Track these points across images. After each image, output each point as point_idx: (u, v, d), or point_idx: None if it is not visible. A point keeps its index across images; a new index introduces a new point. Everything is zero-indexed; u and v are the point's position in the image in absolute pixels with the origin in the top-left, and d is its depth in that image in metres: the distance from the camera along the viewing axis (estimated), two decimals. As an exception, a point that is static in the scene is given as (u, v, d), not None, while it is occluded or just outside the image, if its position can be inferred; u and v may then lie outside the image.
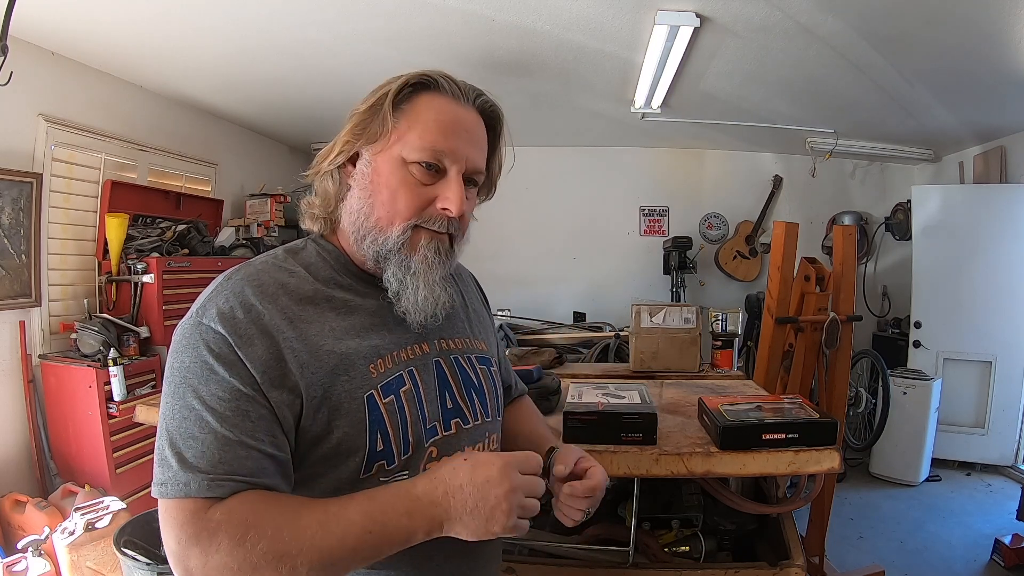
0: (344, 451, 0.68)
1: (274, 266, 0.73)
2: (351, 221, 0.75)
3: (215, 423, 0.61)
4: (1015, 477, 3.46)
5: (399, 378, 0.72)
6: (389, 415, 0.70)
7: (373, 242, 0.73)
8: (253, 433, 0.62)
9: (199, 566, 0.57)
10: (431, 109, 0.73)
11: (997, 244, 3.52)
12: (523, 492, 0.64)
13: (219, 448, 0.61)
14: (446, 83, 0.74)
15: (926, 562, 2.57)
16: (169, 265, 2.78)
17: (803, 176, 4.49)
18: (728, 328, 1.92)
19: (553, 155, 4.69)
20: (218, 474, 0.60)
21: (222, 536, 0.57)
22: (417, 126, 0.72)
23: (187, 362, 0.64)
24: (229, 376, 0.63)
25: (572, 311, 4.31)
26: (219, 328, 0.64)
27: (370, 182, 0.74)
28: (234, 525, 0.58)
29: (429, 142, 0.71)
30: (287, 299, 0.69)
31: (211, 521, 0.58)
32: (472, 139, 0.74)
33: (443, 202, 0.72)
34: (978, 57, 2.46)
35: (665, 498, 1.47)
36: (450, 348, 0.81)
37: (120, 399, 2.42)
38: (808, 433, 1.08)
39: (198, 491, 0.59)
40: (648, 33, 2.36)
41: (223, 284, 0.68)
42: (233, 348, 0.63)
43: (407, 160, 0.72)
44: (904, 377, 3.50)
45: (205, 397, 0.62)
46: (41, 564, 1.96)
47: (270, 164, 4.26)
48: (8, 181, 2.33)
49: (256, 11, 2.24)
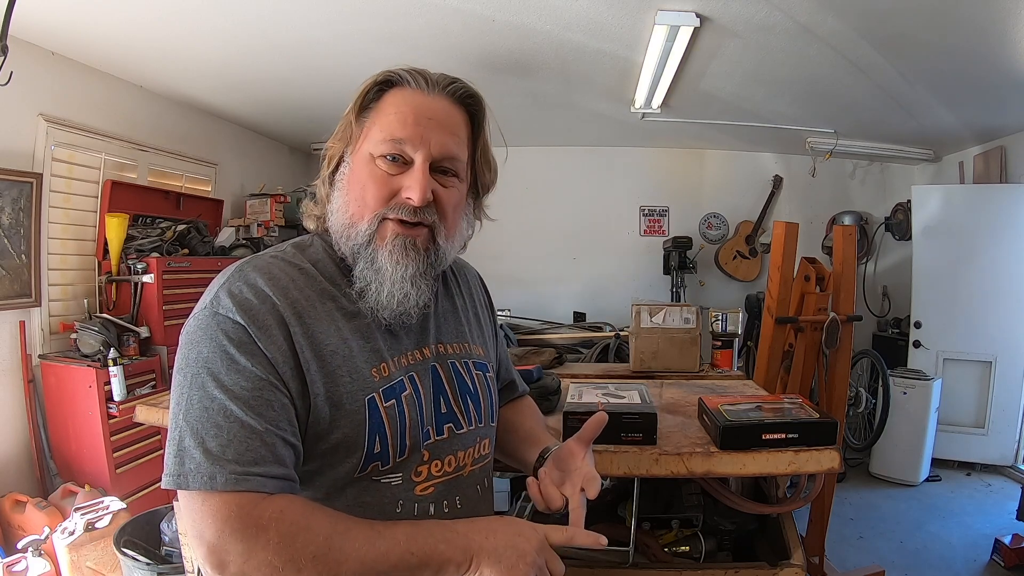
0: (343, 451, 0.68)
1: (284, 260, 0.73)
2: (333, 220, 0.77)
3: (240, 412, 0.61)
4: (1015, 477, 3.46)
5: (400, 383, 0.73)
6: (389, 419, 0.70)
7: (347, 239, 0.74)
8: (277, 423, 0.63)
9: (239, 561, 0.57)
10: (393, 103, 0.74)
11: (997, 244, 3.52)
12: (549, 559, 0.68)
13: (246, 438, 0.61)
14: (410, 76, 0.75)
15: (926, 562, 2.57)
16: (169, 265, 2.78)
17: (803, 176, 4.49)
18: (728, 328, 1.91)
19: (553, 155, 4.69)
20: (246, 464, 0.60)
21: (272, 534, 0.58)
22: (379, 120, 0.74)
23: (205, 352, 0.63)
24: (251, 365, 0.63)
25: (572, 311, 4.31)
26: (237, 318, 0.64)
27: (347, 181, 0.76)
28: (287, 524, 0.59)
29: (388, 133, 0.72)
30: (297, 293, 0.69)
31: (261, 518, 0.58)
32: (439, 125, 0.74)
33: (405, 191, 0.72)
34: (978, 57, 2.45)
35: (665, 498, 1.47)
36: (447, 353, 0.81)
37: (120, 399, 2.42)
38: (808, 433, 1.08)
39: (225, 484, 0.59)
40: (648, 33, 2.36)
41: (235, 275, 0.68)
42: (253, 338, 0.64)
43: (373, 155, 0.73)
44: (904, 377, 3.50)
45: (229, 385, 0.62)
46: (41, 564, 1.96)
47: (270, 164, 4.26)
48: (8, 181, 2.33)
49: (256, 11, 2.24)
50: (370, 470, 0.70)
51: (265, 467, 0.61)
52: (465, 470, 0.79)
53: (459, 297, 0.90)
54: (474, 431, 0.81)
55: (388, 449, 0.70)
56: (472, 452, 0.80)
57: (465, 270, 0.96)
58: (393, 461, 0.71)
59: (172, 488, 0.61)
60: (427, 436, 0.75)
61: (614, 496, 1.46)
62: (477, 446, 0.81)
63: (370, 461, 0.69)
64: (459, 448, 0.78)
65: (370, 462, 0.69)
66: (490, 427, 0.86)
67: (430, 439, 0.75)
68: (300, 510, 0.61)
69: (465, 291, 0.92)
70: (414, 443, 0.73)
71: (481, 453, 0.82)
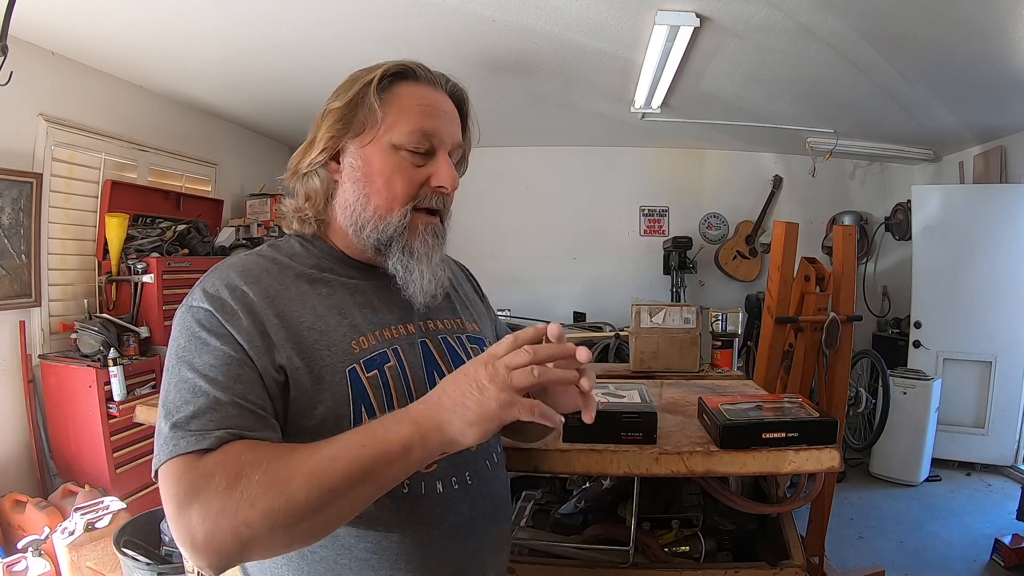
0: (330, 426, 0.68)
1: (258, 255, 0.77)
2: (347, 215, 0.77)
3: (208, 387, 0.62)
4: (1015, 477, 3.46)
5: (383, 354, 0.73)
6: (373, 389, 0.71)
7: (374, 230, 0.75)
8: (245, 395, 0.63)
9: (200, 521, 0.55)
10: (413, 96, 0.76)
11: (997, 244, 3.52)
12: (507, 364, 0.58)
13: (210, 408, 0.61)
14: (422, 71, 0.78)
15: (926, 562, 2.57)
16: (169, 265, 2.78)
17: (803, 176, 4.49)
18: (728, 328, 1.91)
19: (553, 155, 4.69)
20: (207, 429, 0.59)
21: (218, 478, 0.56)
22: (404, 113, 0.75)
23: (182, 342, 0.67)
24: (220, 345, 0.65)
25: (572, 311, 4.32)
26: (206, 306, 0.67)
27: (362, 174, 0.76)
28: (229, 465, 0.57)
29: (418, 126, 0.74)
30: (270, 280, 0.72)
31: (205, 468, 0.57)
32: (451, 120, 0.79)
33: (437, 180, 0.76)
34: (978, 57, 2.46)
35: (665, 498, 1.47)
36: (437, 328, 0.82)
37: (120, 399, 2.42)
38: (808, 432, 1.08)
39: (187, 446, 0.58)
40: (648, 33, 2.36)
41: (211, 274, 0.73)
42: (221, 322, 0.66)
43: (397, 146, 0.74)
44: (904, 377, 3.50)
45: (198, 366, 0.64)
46: (41, 564, 1.96)
47: (270, 164, 4.26)
48: (8, 181, 2.33)
49: (256, 11, 2.24)
50: None
51: (231, 430, 0.60)
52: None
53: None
54: None
55: None
56: None
57: (450, 260, 0.96)
58: None
59: (155, 473, 0.61)
60: None
61: (614, 496, 1.46)
62: None
63: None
64: None
65: None
66: None
67: None
68: (244, 448, 0.59)
69: (452, 277, 0.92)
70: None
71: None
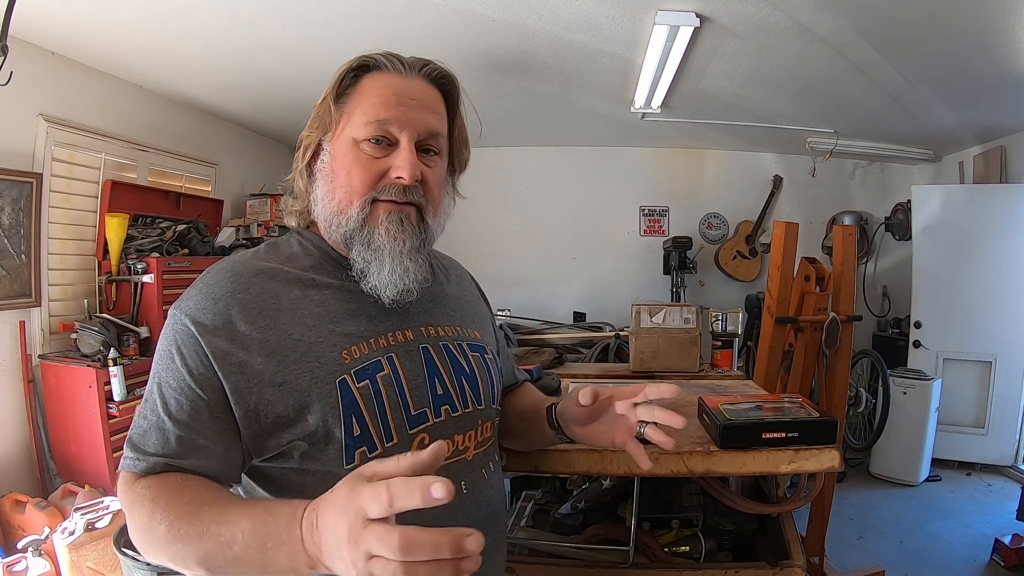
0: (321, 439, 0.67)
1: (253, 258, 0.76)
2: (320, 210, 0.77)
3: (160, 409, 0.65)
4: (1015, 477, 3.46)
5: (376, 363, 0.72)
6: (364, 399, 0.69)
7: (338, 225, 0.74)
8: (191, 423, 0.65)
9: (133, 531, 0.63)
10: (374, 88, 0.74)
11: (997, 244, 3.52)
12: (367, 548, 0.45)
13: (155, 430, 0.65)
14: (386, 60, 0.75)
15: (926, 562, 2.57)
16: (169, 265, 2.78)
17: (803, 176, 4.49)
18: (728, 328, 1.91)
19: (553, 155, 4.69)
20: (147, 452, 0.65)
21: (136, 511, 0.62)
22: (361, 105, 0.74)
23: (162, 348, 0.68)
24: (181, 366, 0.66)
25: (572, 311, 4.30)
26: (186, 320, 0.67)
27: (329, 170, 0.76)
28: (144, 501, 0.61)
29: (372, 116, 0.72)
30: (260, 288, 0.70)
31: (133, 493, 0.63)
32: (420, 104, 0.75)
33: (395, 170, 0.73)
34: (978, 57, 2.46)
35: (665, 498, 1.47)
36: (439, 335, 0.80)
37: (120, 399, 2.42)
38: (808, 432, 1.08)
39: (128, 466, 0.65)
40: (648, 33, 2.36)
41: (203, 277, 0.72)
42: (196, 338, 0.66)
43: (357, 139, 0.73)
44: (904, 377, 3.50)
45: (161, 383, 0.67)
46: (41, 564, 1.96)
47: (270, 164, 4.26)
48: (8, 181, 2.33)
49: (256, 11, 2.24)
50: (358, 459, 0.68)
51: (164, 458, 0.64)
52: (468, 453, 0.77)
53: (448, 284, 0.89)
54: (473, 413, 0.79)
55: (369, 432, 0.69)
56: (474, 435, 0.79)
57: (452, 264, 0.96)
58: (382, 447, 0.69)
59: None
60: (423, 419, 0.73)
61: (614, 496, 1.46)
62: (478, 429, 0.80)
63: (354, 448, 0.68)
64: (457, 431, 0.76)
65: (354, 449, 0.68)
66: (491, 409, 0.84)
67: (427, 421, 0.73)
68: (161, 487, 0.62)
69: (455, 280, 0.92)
70: (399, 425, 0.71)
71: (484, 436, 0.81)
